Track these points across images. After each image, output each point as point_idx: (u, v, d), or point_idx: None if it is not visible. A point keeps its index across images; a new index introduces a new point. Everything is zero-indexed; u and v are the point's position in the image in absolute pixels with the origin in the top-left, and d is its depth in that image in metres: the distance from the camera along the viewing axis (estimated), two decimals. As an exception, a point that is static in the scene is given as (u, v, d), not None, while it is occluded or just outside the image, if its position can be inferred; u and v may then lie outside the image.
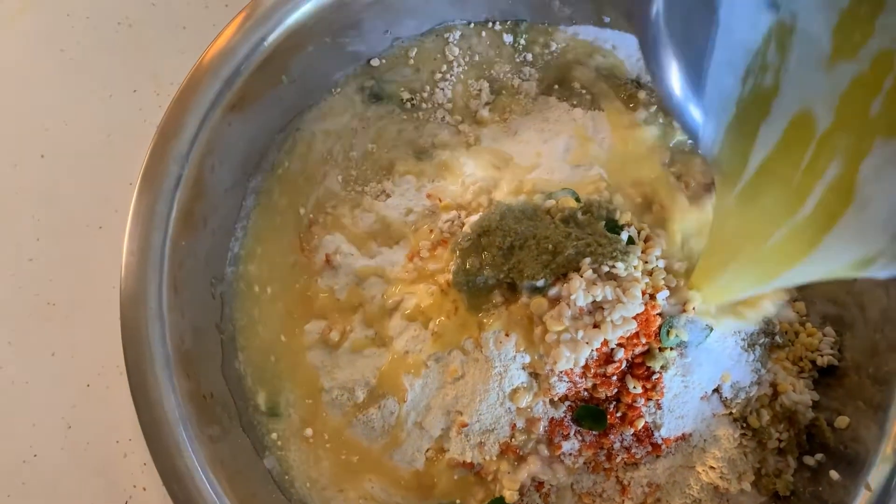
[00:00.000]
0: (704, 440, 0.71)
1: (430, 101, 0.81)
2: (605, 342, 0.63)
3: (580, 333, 0.63)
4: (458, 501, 0.71)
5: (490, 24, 0.83)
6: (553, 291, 0.64)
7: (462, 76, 0.82)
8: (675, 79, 0.54)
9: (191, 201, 0.69)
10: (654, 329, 0.65)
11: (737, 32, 0.54)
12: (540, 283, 0.65)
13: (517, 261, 0.66)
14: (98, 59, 0.89)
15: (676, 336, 0.66)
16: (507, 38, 0.83)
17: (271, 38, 0.71)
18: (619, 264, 0.64)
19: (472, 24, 0.83)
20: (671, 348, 0.67)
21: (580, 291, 0.62)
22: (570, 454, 0.69)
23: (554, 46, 0.82)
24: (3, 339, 0.81)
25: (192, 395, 0.65)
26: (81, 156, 0.86)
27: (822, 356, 0.74)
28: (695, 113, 0.55)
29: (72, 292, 0.83)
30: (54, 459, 0.79)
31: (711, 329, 0.68)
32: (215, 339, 0.73)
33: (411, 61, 0.81)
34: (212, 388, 0.69)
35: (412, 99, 0.81)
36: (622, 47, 0.82)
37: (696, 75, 0.54)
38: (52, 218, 0.85)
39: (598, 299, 0.63)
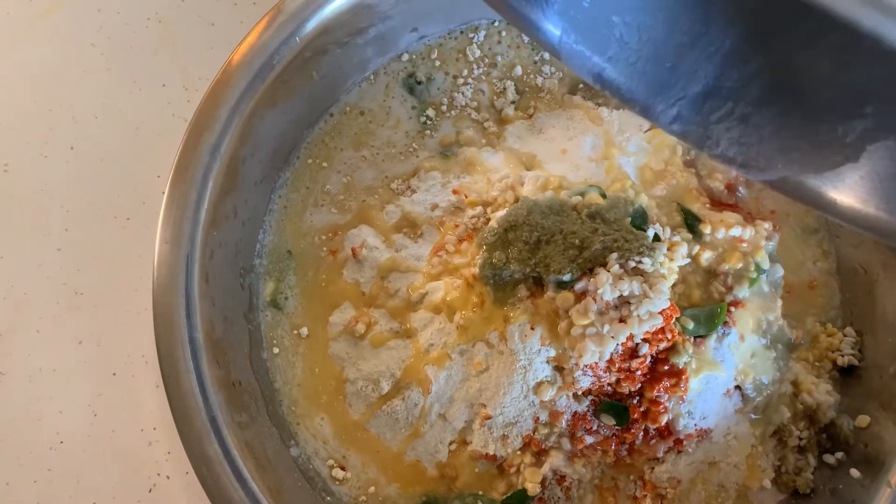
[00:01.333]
0: (726, 437, 0.71)
1: (451, 104, 0.83)
2: (631, 337, 0.64)
3: (606, 328, 0.63)
4: (480, 493, 0.71)
5: (513, 24, 0.84)
6: (579, 286, 0.65)
7: (484, 77, 0.83)
8: None
9: (222, 192, 0.70)
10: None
11: None
12: (566, 277, 0.66)
13: (543, 255, 0.67)
14: (128, 53, 0.91)
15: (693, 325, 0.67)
16: (526, 37, 0.84)
17: (302, 34, 0.72)
18: (646, 259, 0.64)
19: (496, 23, 0.84)
20: (691, 340, 0.68)
21: (607, 286, 0.63)
22: (593, 448, 0.70)
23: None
24: (32, 327, 0.82)
25: (221, 383, 0.66)
26: (110, 148, 0.88)
27: (842, 356, 0.75)
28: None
29: (99, 282, 0.84)
30: (80, 446, 0.80)
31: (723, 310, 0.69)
32: (243, 328, 0.74)
33: (437, 62, 0.83)
34: (240, 376, 0.70)
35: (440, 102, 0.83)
36: (646, 48, 0.82)
37: None
38: (81, 209, 0.86)
39: (625, 294, 0.64)
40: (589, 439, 0.69)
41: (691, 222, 0.71)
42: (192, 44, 0.91)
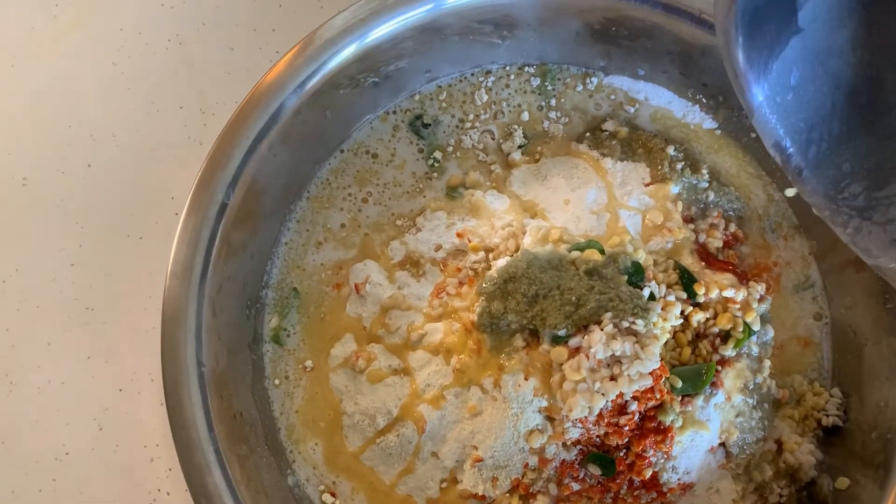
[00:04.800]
0: (708, 491, 0.73)
1: (458, 146, 0.84)
2: (621, 394, 0.66)
3: (597, 385, 0.65)
4: (467, 530, 0.74)
5: (523, 68, 0.85)
6: (574, 342, 0.67)
7: (491, 121, 0.85)
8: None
9: (233, 228, 0.72)
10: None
11: (812, 40, 0.58)
12: (561, 332, 0.68)
13: (540, 309, 0.69)
14: (147, 74, 0.92)
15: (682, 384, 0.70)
16: (535, 82, 0.85)
17: (319, 76, 0.74)
18: (640, 321, 0.66)
19: (507, 67, 0.85)
20: (679, 399, 0.70)
21: (600, 345, 0.65)
22: (578, 495, 0.72)
23: (584, 94, 0.85)
24: (43, 340, 0.85)
25: (223, 415, 0.69)
26: (126, 167, 0.89)
27: (827, 416, 0.76)
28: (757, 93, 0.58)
29: (110, 299, 0.86)
30: (84, 459, 0.82)
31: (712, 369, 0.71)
32: (247, 359, 0.76)
33: (444, 105, 0.84)
34: (242, 407, 0.73)
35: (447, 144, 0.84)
36: (654, 100, 0.84)
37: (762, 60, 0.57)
38: (95, 226, 0.88)
39: (617, 353, 0.66)
40: (575, 486, 0.72)
41: (687, 281, 0.73)
42: (210, 67, 0.93)
